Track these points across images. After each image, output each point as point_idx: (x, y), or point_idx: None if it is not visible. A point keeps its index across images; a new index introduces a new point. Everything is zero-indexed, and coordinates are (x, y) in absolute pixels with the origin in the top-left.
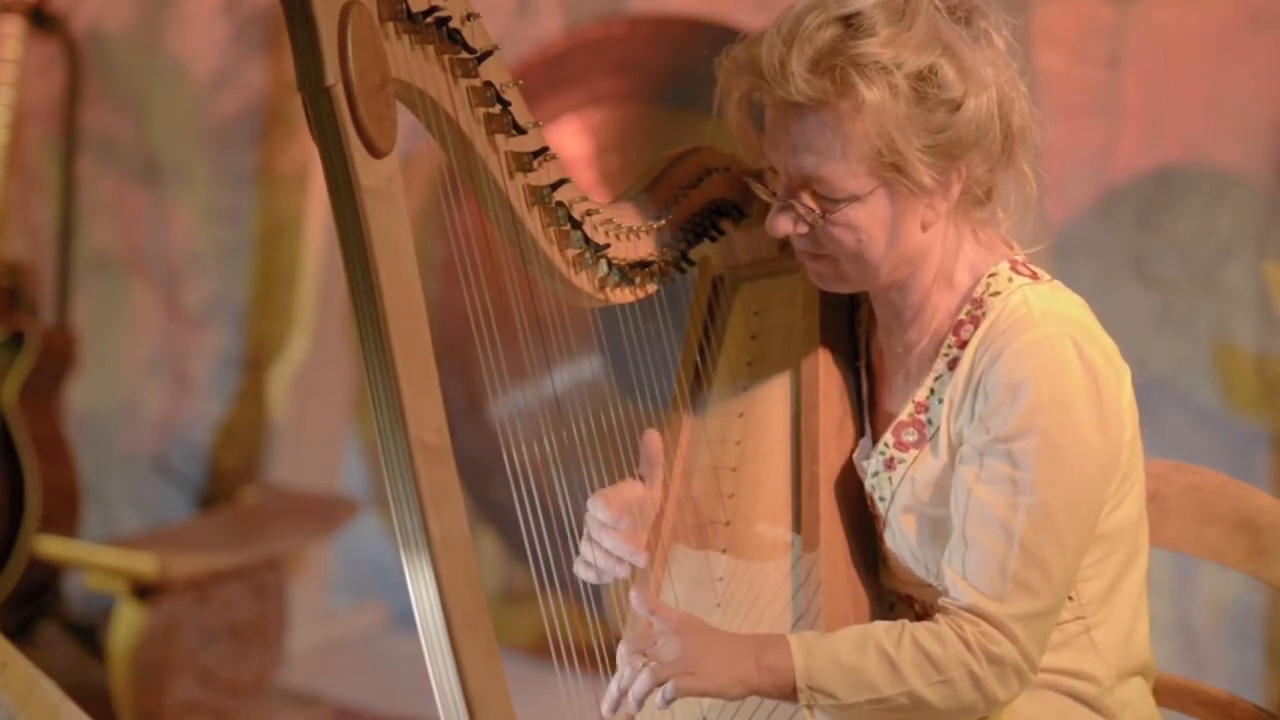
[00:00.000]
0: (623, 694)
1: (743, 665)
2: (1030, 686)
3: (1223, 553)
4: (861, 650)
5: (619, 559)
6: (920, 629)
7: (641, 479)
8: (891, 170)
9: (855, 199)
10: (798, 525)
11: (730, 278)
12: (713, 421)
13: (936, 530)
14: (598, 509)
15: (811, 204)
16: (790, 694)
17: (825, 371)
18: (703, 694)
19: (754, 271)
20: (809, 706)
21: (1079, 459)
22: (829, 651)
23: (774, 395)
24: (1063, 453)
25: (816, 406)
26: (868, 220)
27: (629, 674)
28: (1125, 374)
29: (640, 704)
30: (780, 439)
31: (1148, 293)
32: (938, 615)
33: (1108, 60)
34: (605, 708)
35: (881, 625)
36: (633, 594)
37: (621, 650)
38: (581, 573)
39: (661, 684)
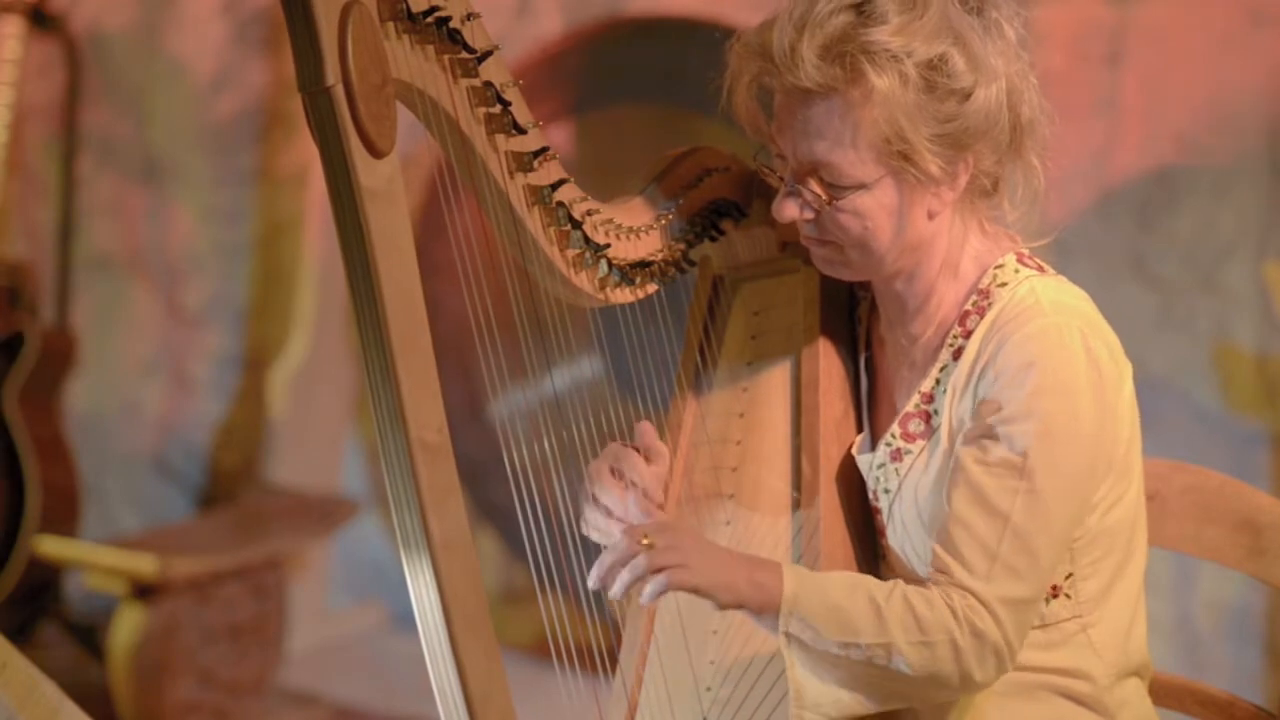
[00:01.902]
0: (614, 567)
1: (735, 573)
2: (1027, 686)
3: (1223, 553)
4: (852, 593)
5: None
6: (911, 590)
7: (636, 450)
8: (899, 159)
9: (862, 186)
10: (798, 525)
11: (731, 278)
12: (713, 422)
13: (940, 520)
14: (624, 463)
15: (819, 190)
16: (773, 615)
17: (826, 371)
18: (694, 590)
19: (754, 271)
20: (785, 635)
21: (1075, 449)
22: (819, 586)
23: (774, 395)
24: (1060, 441)
25: (817, 406)
26: (874, 208)
27: (626, 551)
28: (1127, 370)
29: (627, 588)
30: (781, 439)
31: (1148, 293)
32: (929, 583)
33: (1108, 60)
34: (593, 578)
35: (873, 579)
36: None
37: (622, 531)
38: (591, 533)
39: (656, 571)
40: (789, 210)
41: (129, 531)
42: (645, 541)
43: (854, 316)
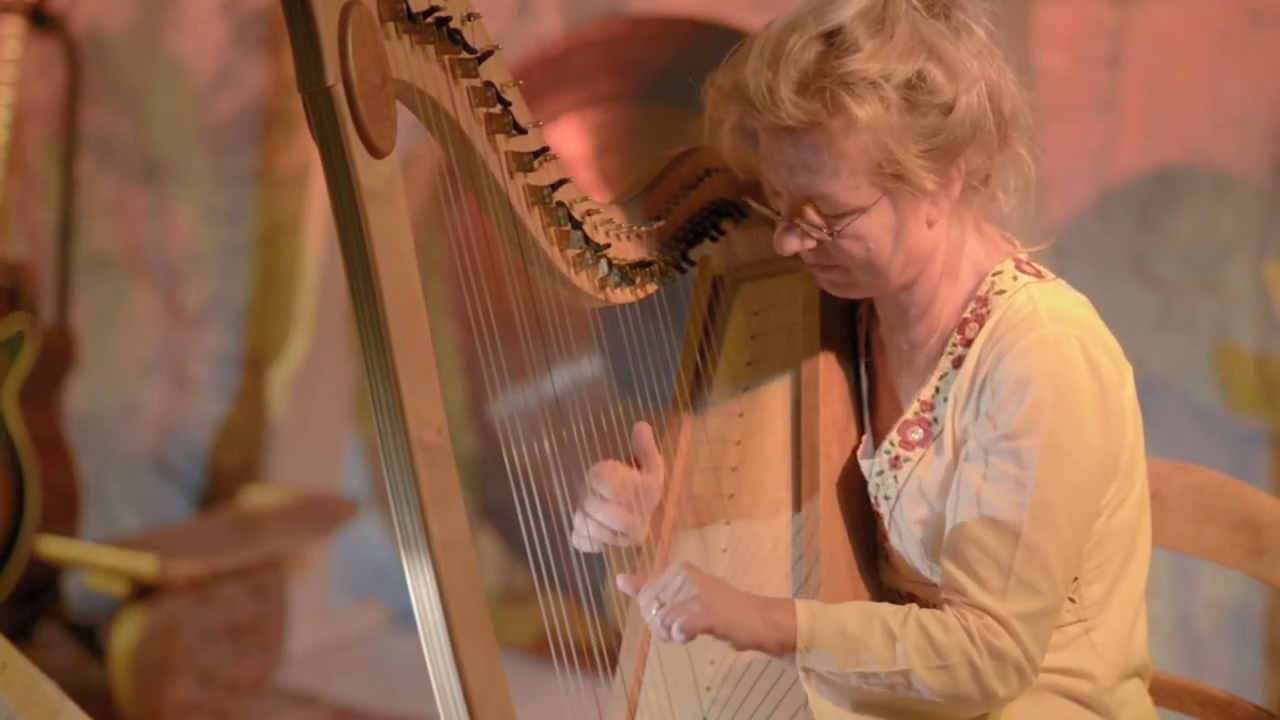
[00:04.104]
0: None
1: (750, 614)
2: (1029, 687)
3: (1223, 553)
4: (866, 624)
5: (612, 531)
6: (926, 614)
7: (638, 465)
8: (893, 179)
9: (860, 211)
10: (798, 525)
11: (730, 278)
12: (713, 421)
13: (943, 529)
14: (598, 483)
15: (818, 220)
16: (790, 653)
17: (826, 371)
18: (710, 630)
19: (754, 271)
20: (804, 670)
21: (1081, 459)
22: (834, 619)
23: (774, 395)
24: (1065, 452)
25: (817, 406)
26: (874, 229)
27: (647, 620)
28: (1128, 374)
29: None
30: (781, 439)
31: (1148, 293)
32: (944, 605)
33: (1108, 60)
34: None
35: (888, 605)
36: (619, 579)
37: (641, 600)
38: (575, 542)
39: (674, 617)
40: (790, 244)
41: (129, 531)
42: (659, 605)
43: (854, 316)
